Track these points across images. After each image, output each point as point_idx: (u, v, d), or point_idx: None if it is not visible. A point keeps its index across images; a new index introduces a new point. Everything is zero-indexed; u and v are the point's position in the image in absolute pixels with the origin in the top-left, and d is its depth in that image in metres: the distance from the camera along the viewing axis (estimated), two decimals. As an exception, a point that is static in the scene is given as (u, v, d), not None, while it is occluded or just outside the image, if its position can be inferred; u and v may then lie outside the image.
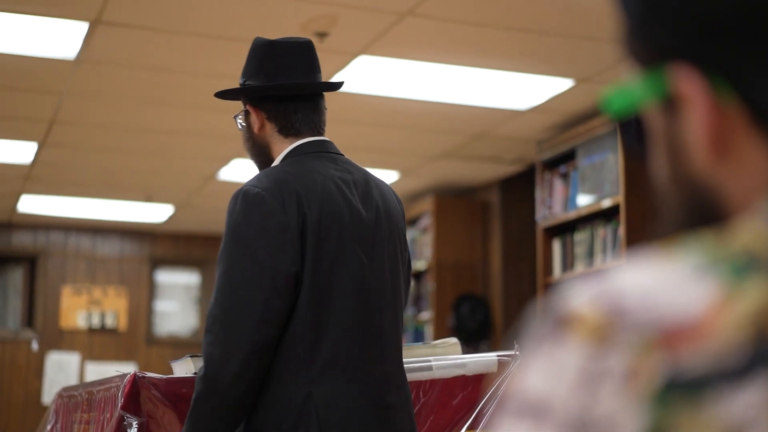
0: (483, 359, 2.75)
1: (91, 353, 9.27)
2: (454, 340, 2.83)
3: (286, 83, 2.38)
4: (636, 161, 0.66)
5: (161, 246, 9.65)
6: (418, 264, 7.49)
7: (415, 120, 5.84)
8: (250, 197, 2.21)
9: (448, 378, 2.67)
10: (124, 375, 2.42)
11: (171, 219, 8.96)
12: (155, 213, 8.72)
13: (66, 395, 3.17)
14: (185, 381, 2.43)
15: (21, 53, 4.79)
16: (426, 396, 2.60)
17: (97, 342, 9.34)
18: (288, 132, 2.39)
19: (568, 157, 5.99)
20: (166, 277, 9.79)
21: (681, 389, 0.47)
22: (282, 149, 2.38)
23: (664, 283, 0.51)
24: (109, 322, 9.40)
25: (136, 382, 2.35)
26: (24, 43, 4.68)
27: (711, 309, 0.49)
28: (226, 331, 2.12)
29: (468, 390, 2.69)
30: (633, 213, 5.23)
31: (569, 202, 5.93)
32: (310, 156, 2.35)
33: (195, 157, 6.86)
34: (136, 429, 2.31)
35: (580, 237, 5.85)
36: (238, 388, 2.13)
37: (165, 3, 4.21)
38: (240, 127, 2.49)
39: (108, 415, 2.49)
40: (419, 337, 7.60)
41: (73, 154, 6.76)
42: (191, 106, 5.68)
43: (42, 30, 4.51)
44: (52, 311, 9.24)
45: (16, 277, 9.46)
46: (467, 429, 2.65)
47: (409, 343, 3.33)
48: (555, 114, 5.81)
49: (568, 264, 5.95)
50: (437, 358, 2.68)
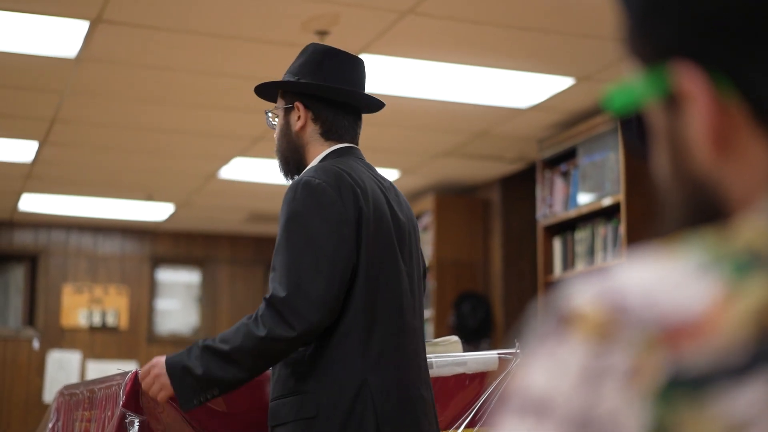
0: (484, 357, 2.75)
1: (92, 352, 9.27)
2: (455, 338, 2.84)
3: (351, 90, 2.43)
4: (637, 159, 0.65)
5: (162, 244, 9.65)
6: (418, 262, 7.48)
7: (416, 118, 5.83)
8: (311, 187, 2.26)
9: (448, 376, 2.67)
10: (125, 373, 2.42)
11: (172, 218, 8.96)
12: (156, 211, 8.72)
13: (67, 393, 3.17)
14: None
15: (22, 52, 4.79)
16: (427, 394, 2.59)
17: (98, 340, 9.34)
18: (330, 136, 2.44)
19: (568, 156, 5.99)
20: (167, 276, 9.79)
21: (684, 387, 0.47)
22: (319, 152, 2.43)
23: (666, 281, 0.51)
24: (110, 320, 9.40)
25: (137, 380, 2.36)
26: (25, 42, 4.67)
27: (713, 307, 0.49)
28: (287, 314, 2.17)
29: (468, 388, 2.69)
30: (634, 211, 5.23)
31: (570, 200, 5.93)
32: (350, 158, 2.40)
33: (196, 156, 6.86)
34: (137, 427, 2.32)
35: (580, 235, 5.85)
36: (272, 361, 2.23)
37: (166, 1, 4.21)
38: (271, 123, 2.52)
39: (109, 413, 2.49)
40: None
41: (74, 152, 6.76)
42: (192, 104, 5.68)
43: (43, 28, 4.51)
44: (53, 310, 9.24)
45: (17, 276, 9.46)
46: (466, 427, 2.65)
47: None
48: (556, 112, 5.81)
49: (568, 262, 5.95)
50: (438, 355, 2.68)
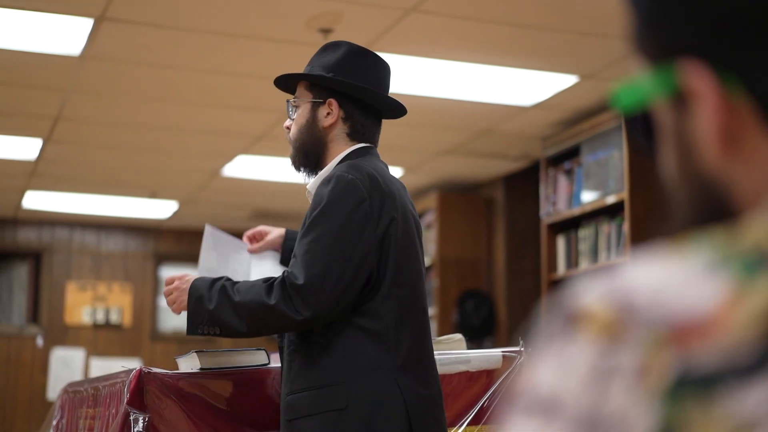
0: (488, 355, 2.75)
1: (96, 349, 9.28)
2: (458, 336, 2.83)
3: (389, 98, 2.45)
4: (643, 157, 0.65)
5: (166, 242, 9.66)
6: (422, 260, 7.49)
7: (420, 116, 5.83)
8: (345, 182, 2.28)
9: (452, 374, 2.67)
10: (129, 370, 2.42)
11: (175, 215, 8.96)
12: (160, 209, 8.72)
13: (72, 391, 3.17)
14: (191, 376, 2.43)
15: (26, 50, 4.80)
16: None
17: (102, 338, 9.35)
18: (356, 137, 2.45)
19: (572, 154, 5.99)
20: (170, 273, 9.78)
21: (692, 386, 0.47)
22: (341, 150, 2.43)
23: (674, 280, 0.51)
24: (114, 317, 9.41)
25: (141, 377, 2.36)
26: (29, 40, 4.68)
27: (722, 306, 0.49)
28: (297, 300, 2.21)
29: (472, 386, 2.69)
30: (637, 209, 5.22)
31: (573, 198, 5.92)
32: (372, 158, 2.42)
33: (199, 154, 6.86)
34: (141, 424, 2.32)
35: (584, 233, 5.85)
36: (270, 330, 2.28)
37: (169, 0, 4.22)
38: (291, 113, 2.48)
39: (113, 411, 2.49)
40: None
41: (78, 150, 6.77)
42: (196, 102, 5.68)
43: (47, 26, 4.51)
44: (56, 307, 9.25)
45: (21, 273, 9.47)
46: (470, 424, 2.65)
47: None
48: (559, 110, 5.80)
49: (572, 260, 5.95)
50: (442, 353, 2.68)
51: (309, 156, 2.45)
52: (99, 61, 4.98)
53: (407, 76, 5.16)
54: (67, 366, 9.12)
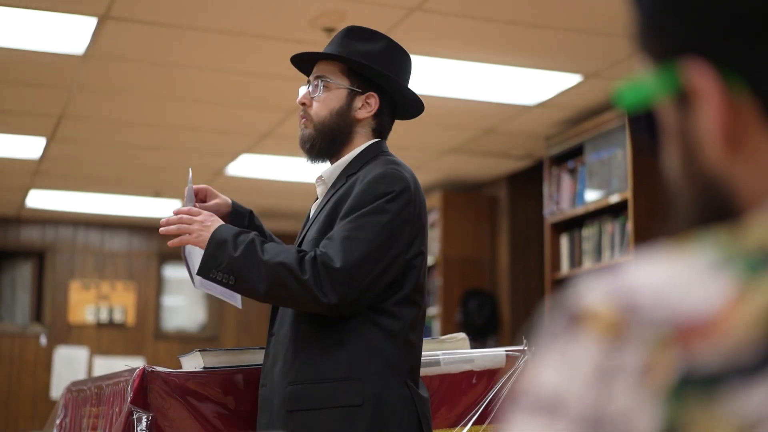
0: (491, 354, 2.75)
1: (99, 348, 9.29)
2: (462, 335, 2.83)
3: (422, 103, 2.51)
4: (647, 156, 0.65)
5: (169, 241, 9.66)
6: (425, 259, 7.48)
7: (423, 115, 5.79)
8: (402, 182, 2.27)
9: (456, 373, 2.67)
10: (133, 369, 2.42)
11: (179, 214, 8.97)
12: (163, 208, 8.73)
13: (75, 389, 3.17)
14: (194, 375, 2.43)
15: (30, 48, 4.80)
16: (434, 391, 2.60)
17: (105, 337, 9.36)
18: (377, 133, 2.44)
19: (576, 153, 5.98)
20: (174, 272, 9.80)
21: (695, 385, 0.47)
22: (362, 143, 2.40)
23: (678, 280, 0.51)
24: (117, 316, 9.42)
25: (145, 376, 2.36)
26: (33, 39, 4.68)
27: (725, 305, 0.49)
28: (326, 284, 2.16)
29: (476, 385, 2.69)
30: (641, 208, 5.22)
31: (577, 197, 5.92)
32: (393, 156, 2.42)
33: (203, 153, 6.87)
34: (144, 423, 2.32)
35: (587, 233, 5.84)
36: (286, 300, 2.21)
37: (173, -2, 4.22)
38: (318, 92, 2.36)
39: (117, 410, 2.49)
40: (427, 333, 7.58)
41: (82, 149, 6.77)
42: (199, 101, 5.68)
43: (51, 25, 4.51)
44: (60, 306, 9.26)
45: (24, 272, 9.48)
46: (474, 424, 2.65)
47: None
48: (563, 109, 5.80)
49: (575, 260, 5.94)
50: (445, 352, 2.68)
51: (333, 143, 2.37)
52: (102, 60, 4.98)
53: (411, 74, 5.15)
54: (71, 365, 9.13)
